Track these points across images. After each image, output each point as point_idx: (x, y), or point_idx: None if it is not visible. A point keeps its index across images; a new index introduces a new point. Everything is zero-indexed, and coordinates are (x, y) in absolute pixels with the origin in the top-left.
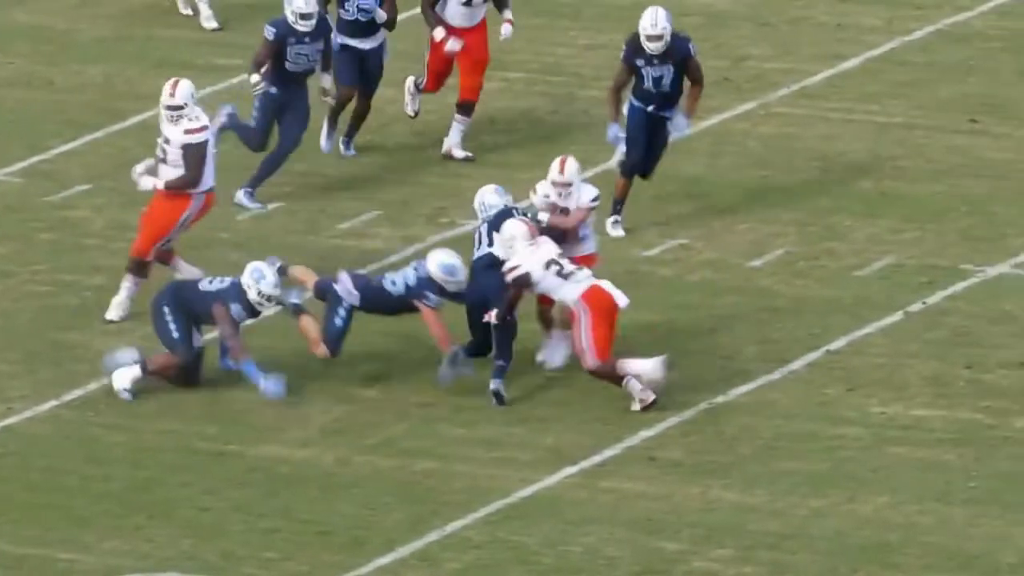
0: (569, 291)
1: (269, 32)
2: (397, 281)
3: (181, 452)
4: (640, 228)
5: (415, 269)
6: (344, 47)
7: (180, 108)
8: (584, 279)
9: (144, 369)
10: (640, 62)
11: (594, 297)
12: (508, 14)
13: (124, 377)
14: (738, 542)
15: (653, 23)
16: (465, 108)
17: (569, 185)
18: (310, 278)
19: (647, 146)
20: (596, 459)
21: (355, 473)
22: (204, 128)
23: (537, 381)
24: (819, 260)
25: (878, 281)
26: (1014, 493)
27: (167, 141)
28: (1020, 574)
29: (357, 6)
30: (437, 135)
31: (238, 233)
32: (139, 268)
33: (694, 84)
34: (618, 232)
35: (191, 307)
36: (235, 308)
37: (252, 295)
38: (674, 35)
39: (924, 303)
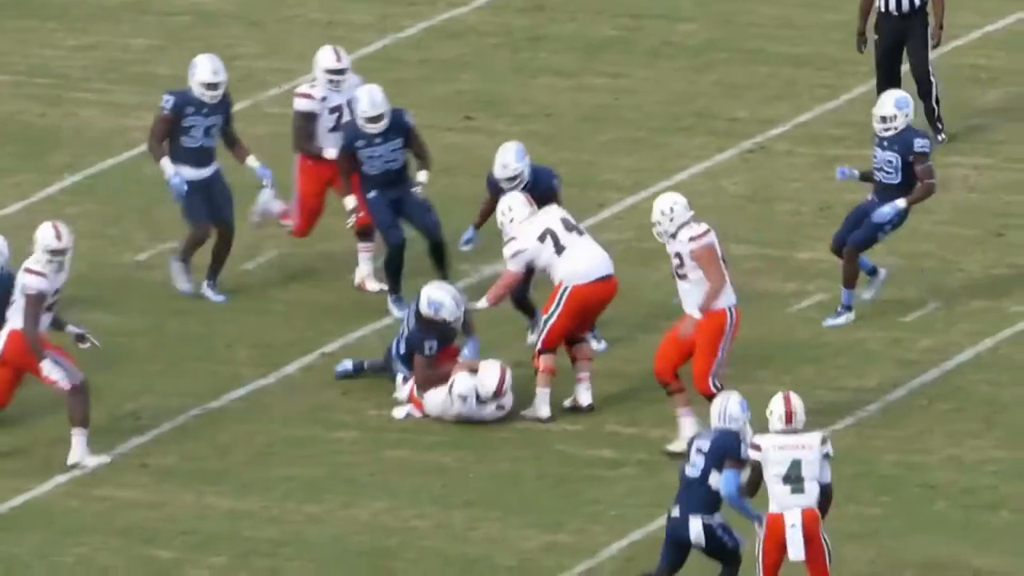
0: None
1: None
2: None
3: None
4: (130, 232)
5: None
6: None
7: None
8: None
9: None
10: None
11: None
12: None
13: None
14: (233, 549)
15: (504, 164)
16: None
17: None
18: None
19: None
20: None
21: None
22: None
23: (22, 390)
24: (311, 262)
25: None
26: (512, 495)
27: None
28: None
29: (205, 130)
30: None
31: None
32: None
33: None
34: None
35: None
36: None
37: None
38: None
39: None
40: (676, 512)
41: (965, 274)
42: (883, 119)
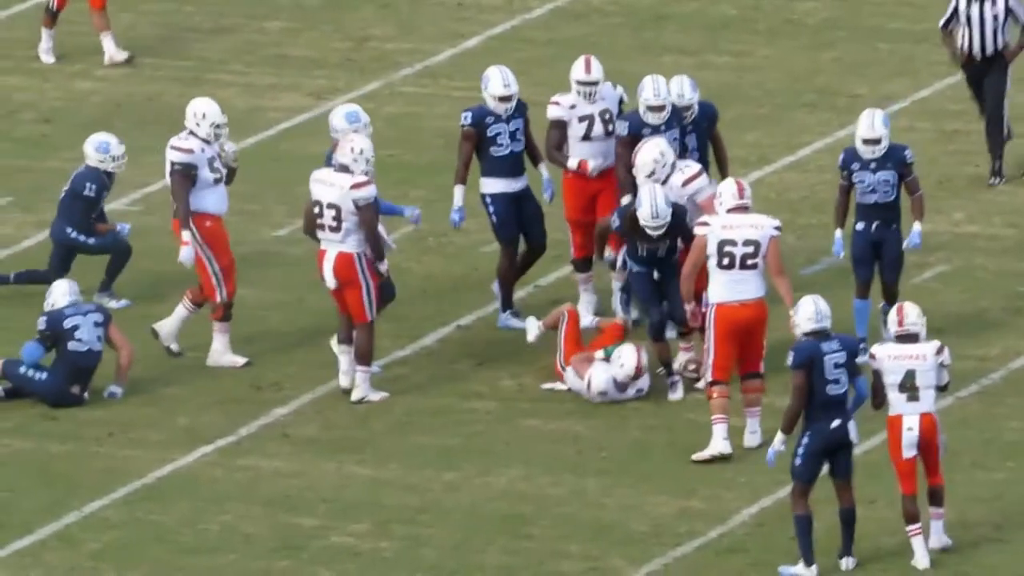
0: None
1: (622, 127)
2: None
3: None
4: (269, 209)
5: None
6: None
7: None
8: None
9: None
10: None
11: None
12: None
13: None
14: (374, 516)
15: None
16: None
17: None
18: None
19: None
20: (231, 438)
21: None
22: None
23: (167, 361)
24: (447, 237)
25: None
26: (645, 463)
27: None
28: (651, 542)
29: (510, 135)
30: (66, 120)
31: None
32: None
33: None
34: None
35: None
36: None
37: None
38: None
39: (556, 277)
40: (836, 423)
41: None
42: (874, 141)
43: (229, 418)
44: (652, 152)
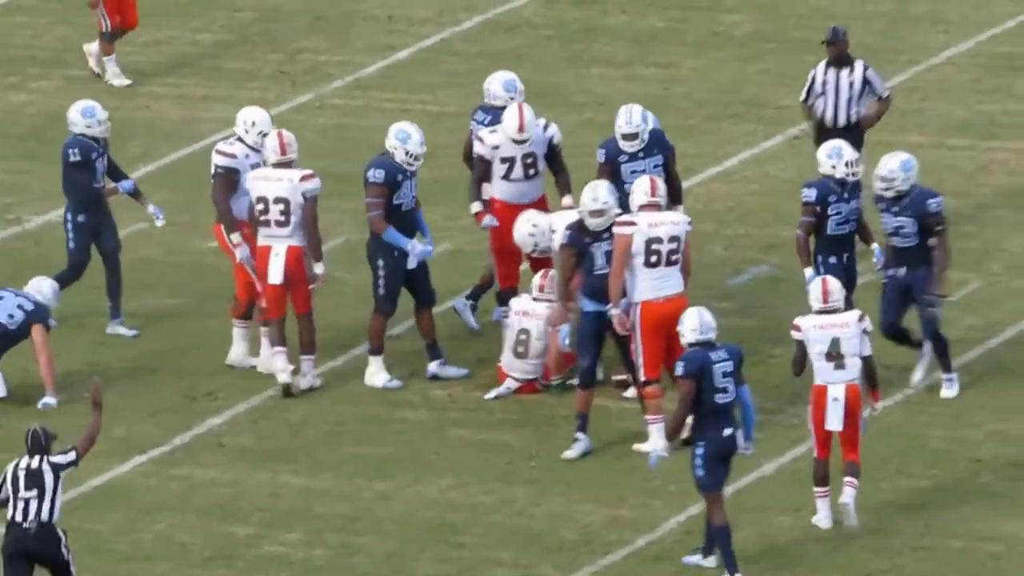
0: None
1: (600, 155)
2: None
3: None
4: (202, 220)
5: None
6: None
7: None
8: None
9: None
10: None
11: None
12: (568, 200)
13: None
14: (306, 525)
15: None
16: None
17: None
18: None
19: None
20: (165, 448)
21: None
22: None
23: (102, 372)
24: None
25: (437, 266)
26: (574, 472)
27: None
28: (581, 550)
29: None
30: (1, 132)
31: None
32: None
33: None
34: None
35: None
36: None
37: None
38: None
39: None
40: (728, 431)
41: (1007, 254)
42: (856, 163)
43: (164, 428)
44: (524, 228)
